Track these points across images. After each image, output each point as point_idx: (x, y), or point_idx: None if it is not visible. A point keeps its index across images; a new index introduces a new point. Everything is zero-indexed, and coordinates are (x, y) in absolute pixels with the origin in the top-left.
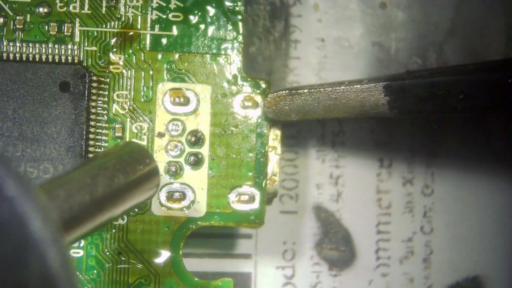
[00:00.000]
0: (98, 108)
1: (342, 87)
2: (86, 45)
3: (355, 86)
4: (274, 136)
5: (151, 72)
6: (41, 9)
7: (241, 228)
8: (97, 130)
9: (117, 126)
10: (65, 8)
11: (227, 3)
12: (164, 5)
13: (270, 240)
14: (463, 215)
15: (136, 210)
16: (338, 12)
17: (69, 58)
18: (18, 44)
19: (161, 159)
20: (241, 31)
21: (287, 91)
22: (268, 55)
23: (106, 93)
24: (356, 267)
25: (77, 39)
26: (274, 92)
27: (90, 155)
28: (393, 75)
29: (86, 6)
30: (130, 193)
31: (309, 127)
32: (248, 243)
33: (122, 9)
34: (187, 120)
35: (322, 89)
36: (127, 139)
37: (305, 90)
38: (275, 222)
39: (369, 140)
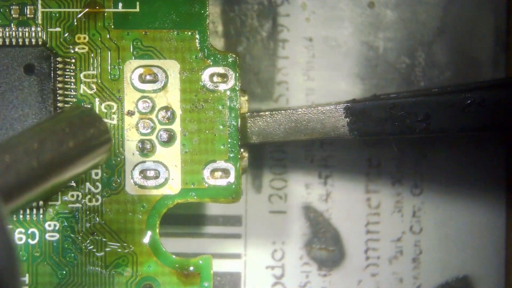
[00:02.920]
0: (66, 90)
1: (303, 109)
2: (49, 26)
3: (316, 108)
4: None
5: (117, 51)
6: None
7: (230, 226)
8: None
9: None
10: None
11: None
12: None
13: (260, 240)
14: (452, 214)
15: (110, 190)
16: (326, 12)
17: (33, 40)
18: None
19: (132, 138)
20: (207, 4)
21: (248, 113)
22: (256, 54)
23: (73, 73)
24: (345, 267)
25: (40, 21)
26: None
27: None
28: (359, 99)
29: None
30: (80, 158)
31: None
32: (237, 243)
33: None
34: (156, 97)
35: (283, 111)
36: None
37: (267, 113)
38: (264, 222)
39: (357, 140)
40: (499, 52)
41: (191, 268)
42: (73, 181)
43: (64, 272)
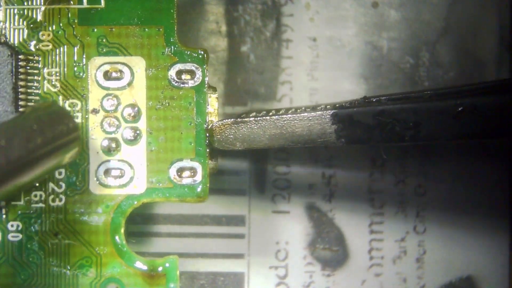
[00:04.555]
0: (28, 88)
1: (289, 115)
2: (12, 23)
3: (302, 115)
4: (212, 109)
5: (82, 47)
6: None
7: (233, 227)
8: None
9: None
10: None
11: None
12: None
13: (263, 240)
14: (456, 214)
15: (74, 190)
16: (330, 11)
17: None
18: None
19: (97, 136)
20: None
21: (232, 119)
22: (259, 54)
23: (36, 71)
24: (349, 267)
25: (2, 18)
26: (219, 121)
27: None
28: (348, 101)
29: None
30: (49, 155)
31: None
32: (240, 243)
33: None
34: (122, 94)
35: (268, 117)
36: None
37: (251, 119)
38: (268, 222)
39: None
40: (503, 52)
41: (159, 268)
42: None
43: (27, 273)
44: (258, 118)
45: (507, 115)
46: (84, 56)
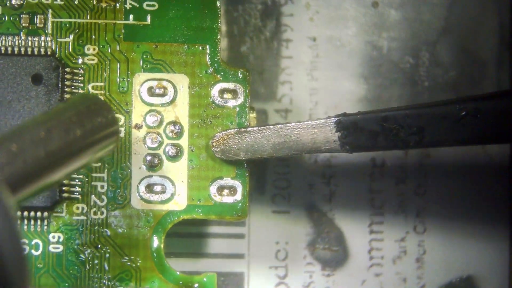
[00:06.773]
0: None
1: (292, 124)
2: (59, 36)
3: (305, 123)
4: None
5: (127, 63)
6: (13, 1)
7: (233, 226)
8: None
9: None
10: None
11: None
12: None
13: (263, 240)
14: (456, 214)
15: (115, 203)
16: (330, 11)
17: (42, 50)
18: None
19: (139, 151)
20: (218, 19)
21: (235, 129)
22: (259, 54)
23: (81, 84)
24: (349, 267)
25: (50, 30)
26: (222, 131)
27: None
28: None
29: None
30: (87, 147)
31: None
32: (240, 243)
33: None
34: (165, 111)
35: (271, 126)
36: None
37: (255, 128)
38: (268, 222)
39: None
40: (504, 52)
41: (196, 285)
42: (78, 194)
43: (67, 284)
44: (262, 127)
45: (510, 119)
46: (129, 72)
